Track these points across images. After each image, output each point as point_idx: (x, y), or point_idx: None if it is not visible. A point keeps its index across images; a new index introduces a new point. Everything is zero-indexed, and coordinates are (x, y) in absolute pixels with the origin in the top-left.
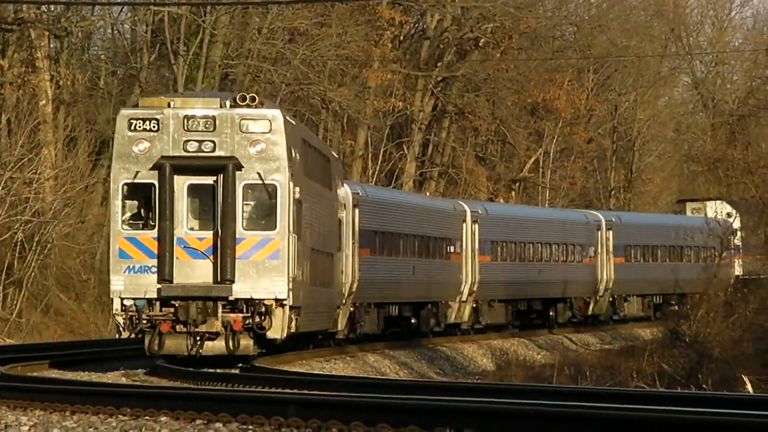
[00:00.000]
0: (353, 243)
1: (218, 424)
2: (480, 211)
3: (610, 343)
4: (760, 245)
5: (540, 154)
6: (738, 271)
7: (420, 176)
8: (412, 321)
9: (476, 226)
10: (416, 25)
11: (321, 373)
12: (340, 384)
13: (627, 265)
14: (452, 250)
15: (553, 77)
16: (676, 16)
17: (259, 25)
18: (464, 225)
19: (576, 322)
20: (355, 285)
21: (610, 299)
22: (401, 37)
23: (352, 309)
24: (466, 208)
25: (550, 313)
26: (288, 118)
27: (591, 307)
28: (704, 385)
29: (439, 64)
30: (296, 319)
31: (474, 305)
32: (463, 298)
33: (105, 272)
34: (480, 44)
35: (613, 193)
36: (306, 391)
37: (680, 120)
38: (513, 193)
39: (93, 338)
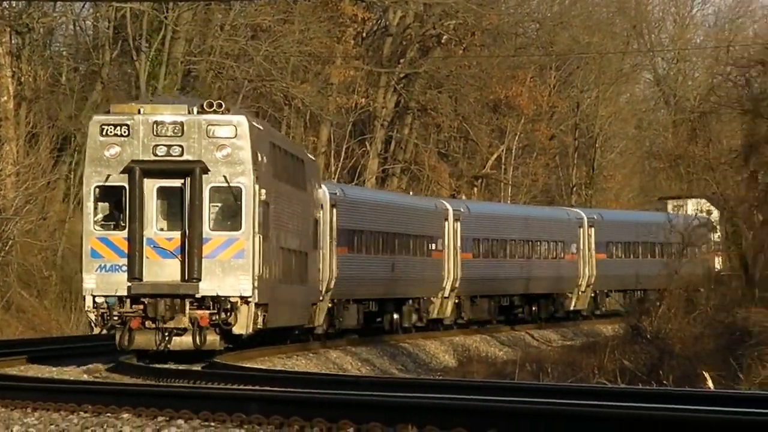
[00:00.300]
0: (331, 242)
1: (180, 421)
2: (462, 210)
3: (571, 340)
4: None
5: (502, 150)
6: (718, 266)
7: (382, 173)
8: (394, 316)
9: (458, 224)
10: (379, 22)
11: (283, 369)
12: (302, 380)
13: (609, 261)
14: (434, 247)
15: (515, 74)
16: (638, 14)
17: (221, 21)
18: (446, 223)
19: (559, 317)
20: (332, 282)
21: (592, 295)
22: (364, 34)
23: (330, 305)
24: (449, 206)
25: (533, 308)
26: (255, 123)
27: (574, 302)
28: (665, 382)
29: (401, 60)
30: (263, 316)
31: (456, 301)
32: (446, 294)
33: (67, 269)
34: (442, 41)
35: (575, 189)
36: (268, 388)
37: (642, 117)
38: (475, 189)
39: (55, 335)
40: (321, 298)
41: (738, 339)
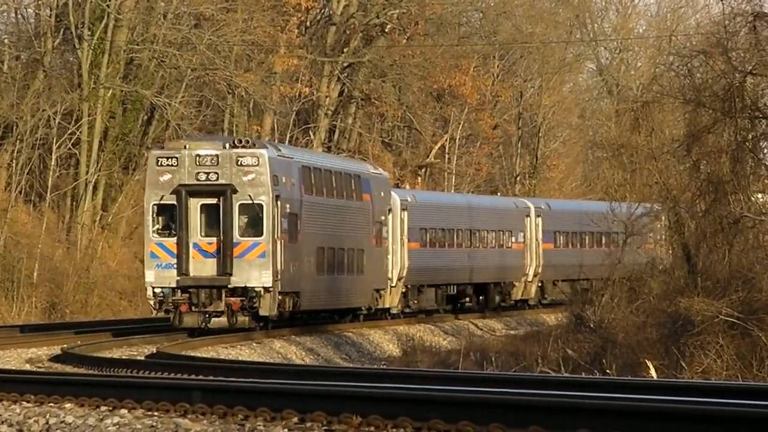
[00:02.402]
0: (402, 238)
1: (123, 411)
2: (543, 207)
3: (515, 329)
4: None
5: (446, 140)
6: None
7: None
8: (480, 298)
9: (540, 219)
10: (322, 11)
11: (227, 358)
12: (246, 370)
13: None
14: (514, 240)
15: (458, 63)
16: (581, 3)
17: (164, 9)
18: (528, 219)
19: None
20: (404, 271)
21: None
22: (307, 23)
23: (404, 289)
24: (530, 205)
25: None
26: (280, 153)
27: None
28: (608, 371)
29: (345, 49)
30: (294, 301)
31: (539, 284)
32: (529, 279)
33: (9, 258)
34: (386, 30)
35: (518, 179)
36: (211, 378)
37: (585, 106)
38: (419, 179)
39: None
40: (393, 284)
41: (680, 328)
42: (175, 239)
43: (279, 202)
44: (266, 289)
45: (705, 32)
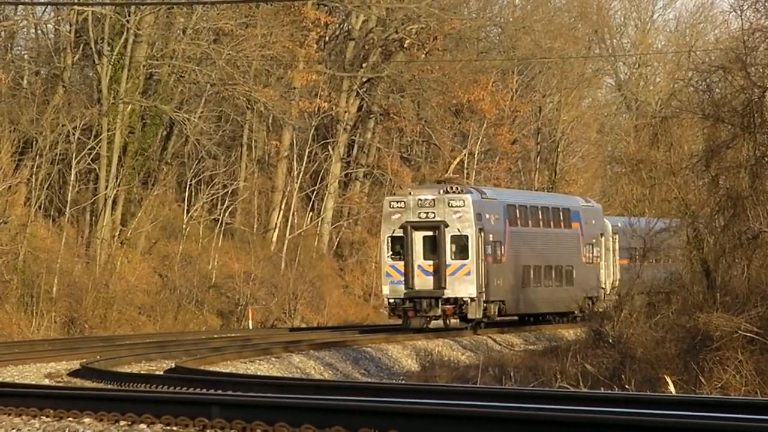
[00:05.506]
0: (614, 256)
1: (142, 426)
2: None
3: (534, 344)
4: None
5: (465, 155)
6: None
7: (345, 177)
8: None
9: None
10: (341, 26)
11: (246, 373)
12: (265, 384)
13: None
14: None
15: (477, 78)
16: (600, 18)
17: (183, 25)
18: None
19: None
20: (617, 282)
21: None
22: (326, 38)
23: (617, 297)
24: None
25: None
26: (484, 196)
27: None
28: (627, 386)
29: (364, 65)
30: (500, 308)
31: None
32: None
33: (28, 273)
34: (405, 45)
35: None
36: (230, 393)
37: (604, 121)
38: None
39: (16, 339)
40: (608, 293)
41: (699, 343)
42: (403, 262)
43: (482, 233)
44: (472, 299)
45: (724, 47)
